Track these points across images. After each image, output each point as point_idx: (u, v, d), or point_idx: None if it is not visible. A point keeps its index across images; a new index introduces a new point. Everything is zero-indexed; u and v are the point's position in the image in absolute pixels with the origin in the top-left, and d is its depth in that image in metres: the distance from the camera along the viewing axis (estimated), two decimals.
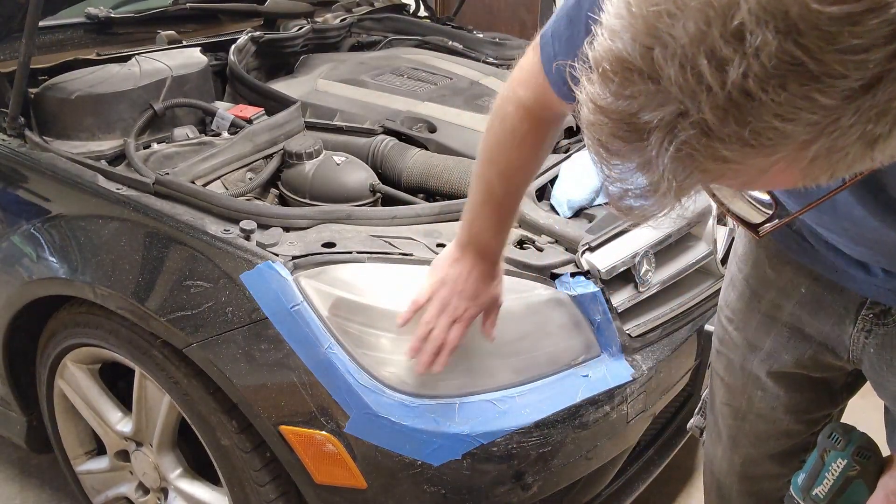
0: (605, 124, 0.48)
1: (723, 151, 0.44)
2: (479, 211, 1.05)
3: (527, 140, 0.99)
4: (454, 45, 2.41)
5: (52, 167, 1.45)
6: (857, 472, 0.88)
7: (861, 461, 0.88)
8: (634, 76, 0.44)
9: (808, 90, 0.41)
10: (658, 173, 0.47)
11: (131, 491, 1.65)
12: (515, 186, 1.04)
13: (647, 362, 1.33)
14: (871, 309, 0.92)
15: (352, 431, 1.16)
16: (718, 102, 0.42)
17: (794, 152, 0.45)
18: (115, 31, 2.10)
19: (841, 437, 0.89)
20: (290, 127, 1.67)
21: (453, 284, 1.09)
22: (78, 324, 1.46)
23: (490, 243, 1.08)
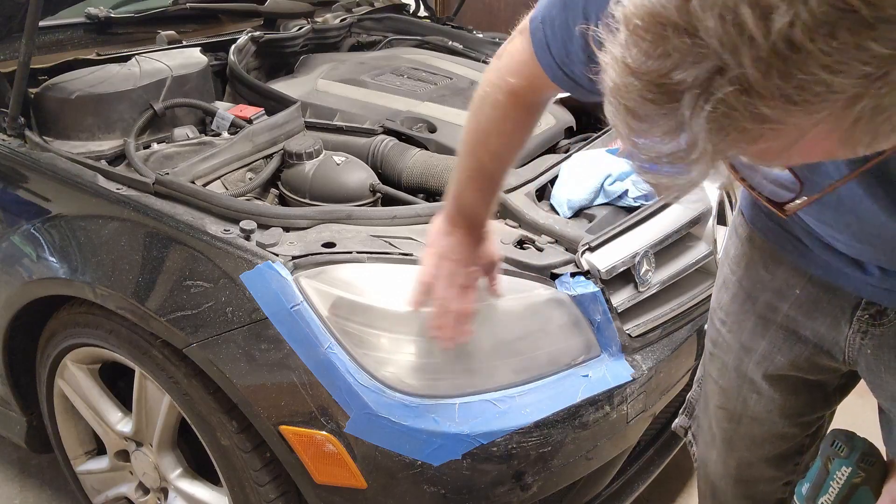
0: (635, 87, 0.45)
1: (763, 109, 0.42)
2: (468, 185, 1.07)
3: (519, 124, 1.00)
4: (454, 45, 2.41)
5: (52, 167, 1.45)
6: (862, 479, 0.88)
7: (865, 467, 0.88)
8: (668, 31, 0.42)
9: (862, 38, 0.38)
10: (691, 137, 0.44)
11: (131, 491, 1.65)
12: (505, 162, 1.06)
13: (647, 362, 1.33)
14: (867, 310, 0.91)
15: (352, 431, 1.16)
16: (761, 55, 0.40)
17: (839, 111, 0.42)
18: (115, 31, 2.10)
19: (844, 444, 0.89)
20: (290, 127, 1.67)
21: (453, 256, 1.10)
22: (78, 324, 1.46)
23: (479, 212, 1.09)
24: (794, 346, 1.01)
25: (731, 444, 1.15)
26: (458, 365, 1.19)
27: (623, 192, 1.46)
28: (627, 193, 1.47)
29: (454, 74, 2.06)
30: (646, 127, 0.46)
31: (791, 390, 1.06)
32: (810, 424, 1.10)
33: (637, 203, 1.47)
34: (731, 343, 1.10)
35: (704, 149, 0.45)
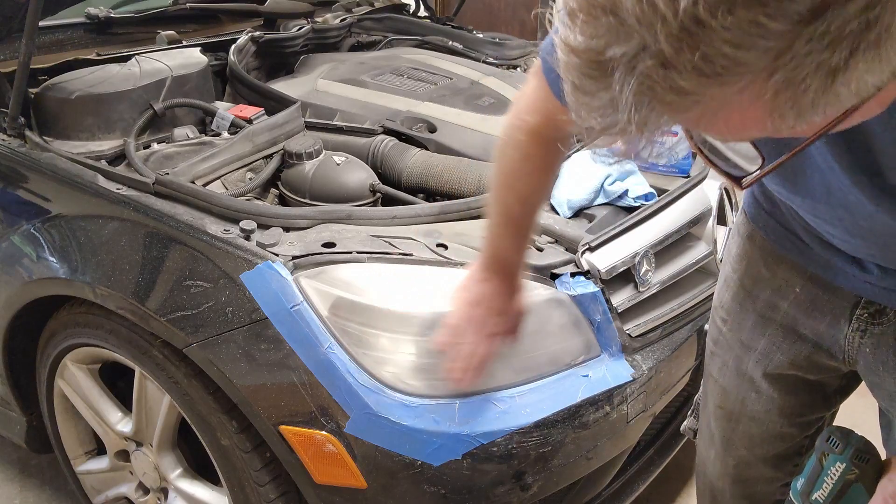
0: (576, 65, 0.49)
1: (679, 82, 0.45)
2: (501, 232, 1.08)
3: (542, 164, 1.01)
4: (454, 45, 2.41)
5: (52, 167, 1.45)
6: (856, 476, 0.87)
7: (860, 464, 0.87)
8: (598, 12, 0.46)
9: (755, 14, 0.41)
10: (623, 109, 0.48)
11: (131, 491, 1.65)
12: (533, 206, 1.07)
13: (647, 362, 1.33)
14: (866, 308, 0.92)
15: (352, 431, 1.16)
16: (672, 31, 0.43)
17: (754, 84, 0.45)
18: (115, 31, 2.10)
19: (839, 440, 0.89)
20: (290, 127, 1.67)
21: (486, 303, 1.11)
22: (78, 324, 1.46)
23: (513, 260, 1.10)
24: (793, 345, 1.01)
25: (730, 444, 1.16)
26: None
27: (623, 192, 1.46)
28: (627, 193, 1.47)
29: (454, 74, 2.06)
30: (588, 100, 0.50)
31: (790, 390, 1.06)
32: (809, 425, 1.10)
33: (637, 203, 1.47)
34: (731, 342, 1.10)
35: (631, 120, 0.48)
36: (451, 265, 1.24)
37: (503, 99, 1.93)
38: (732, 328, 1.09)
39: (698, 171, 1.61)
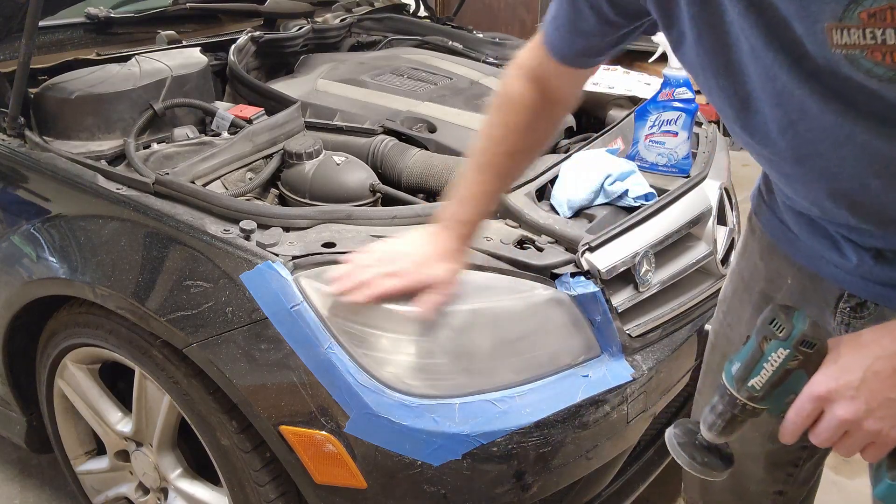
0: None
1: None
2: (471, 178, 1.08)
3: (537, 114, 1.04)
4: (454, 45, 2.41)
5: (52, 167, 1.45)
6: (799, 363, 0.79)
7: (805, 350, 0.78)
8: None
9: None
10: None
11: (131, 491, 1.65)
12: (517, 164, 1.09)
13: (647, 362, 1.33)
14: (848, 302, 0.93)
15: (352, 431, 1.16)
16: None
17: None
18: (115, 31, 2.10)
19: (784, 324, 0.79)
20: (290, 127, 1.67)
21: (404, 244, 1.12)
22: (78, 324, 1.46)
23: (465, 214, 1.10)
24: None
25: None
26: (458, 365, 1.19)
27: (623, 192, 1.46)
28: (627, 193, 1.47)
29: (454, 74, 2.06)
30: None
31: None
32: (803, 436, 1.09)
33: (637, 203, 1.47)
34: (730, 335, 1.11)
35: None
36: None
37: None
38: (731, 323, 1.10)
39: (698, 171, 1.61)
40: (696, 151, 1.68)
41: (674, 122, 1.60)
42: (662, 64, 3.06)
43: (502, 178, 1.11)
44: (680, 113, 1.59)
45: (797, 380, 0.79)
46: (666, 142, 1.61)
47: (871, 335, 0.74)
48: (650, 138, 1.63)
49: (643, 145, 1.64)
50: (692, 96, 1.58)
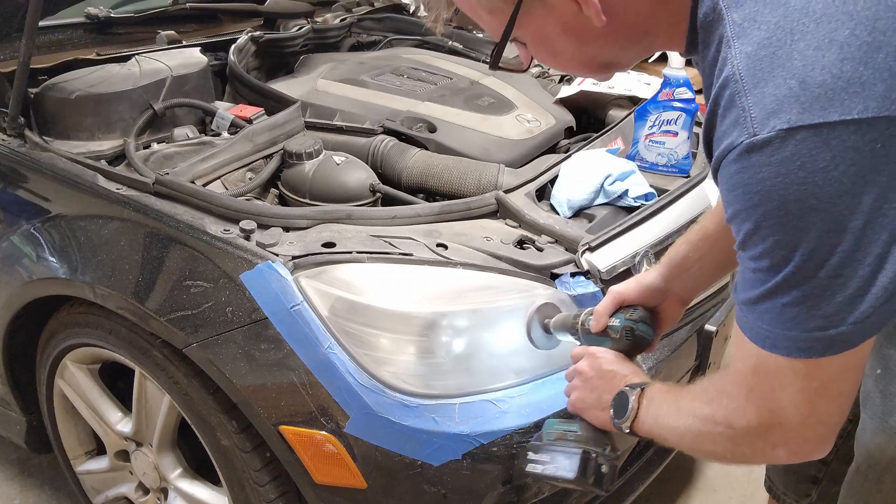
0: None
1: None
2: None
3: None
4: (454, 45, 2.41)
5: (52, 167, 1.45)
6: (617, 340, 1.04)
7: (623, 337, 1.03)
8: None
9: None
10: None
11: (131, 491, 1.65)
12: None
13: (647, 362, 1.33)
14: None
15: (352, 431, 1.15)
16: None
17: None
18: (115, 31, 2.10)
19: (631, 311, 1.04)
20: (290, 127, 1.67)
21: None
22: (78, 324, 1.46)
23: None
24: None
25: None
26: (458, 365, 1.19)
27: (623, 192, 1.46)
28: (627, 193, 1.47)
29: (454, 74, 2.06)
30: None
31: None
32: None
33: (637, 203, 1.47)
34: None
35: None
36: (451, 265, 1.24)
37: (503, 99, 1.93)
38: None
39: (698, 171, 1.61)
40: (696, 151, 1.68)
41: (674, 122, 1.60)
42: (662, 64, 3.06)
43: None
44: (680, 113, 1.59)
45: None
46: (666, 142, 1.61)
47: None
48: (650, 138, 1.63)
49: (643, 145, 1.64)
50: (692, 96, 1.58)
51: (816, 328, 0.66)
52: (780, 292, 0.66)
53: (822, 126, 0.60)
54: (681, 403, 0.86)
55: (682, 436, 0.86)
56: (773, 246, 0.65)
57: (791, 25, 0.62)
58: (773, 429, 0.75)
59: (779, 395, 0.72)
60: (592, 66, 0.84)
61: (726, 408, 0.78)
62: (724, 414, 0.78)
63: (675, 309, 1.11)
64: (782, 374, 0.71)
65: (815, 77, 0.60)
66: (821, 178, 0.60)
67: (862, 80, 0.60)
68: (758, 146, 0.62)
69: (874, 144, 0.60)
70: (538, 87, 2.08)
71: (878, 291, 0.64)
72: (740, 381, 0.76)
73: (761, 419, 0.74)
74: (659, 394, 0.92)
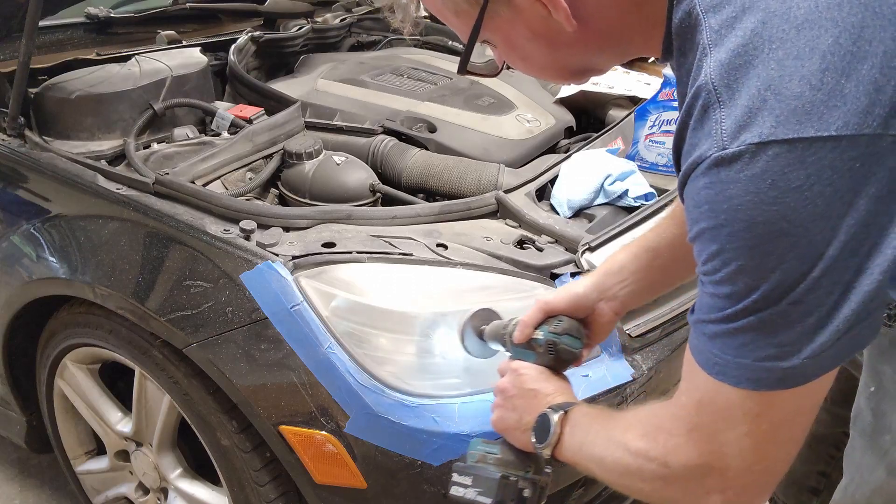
0: None
1: None
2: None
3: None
4: (454, 45, 2.41)
5: (52, 167, 1.45)
6: (541, 354, 0.99)
7: (546, 351, 0.98)
8: None
9: None
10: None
11: (131, 491, 1.65)
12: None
13: (647, 362, 1.33)
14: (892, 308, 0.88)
15: (352, 431, 1.15)
16: None
17: None
18: (115, 31, 2.10)
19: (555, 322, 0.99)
20: (290, 127, 1.67)
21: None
22: (78, 324, 1.46)
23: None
24: None
25: None
26: (458, 365, 1.19)
27: (623, 192, 1.46)
28: (627, 193, 1.47)
29: (454, 74, 2.06)
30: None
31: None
32: (844, 422, 1.05)
33: (637, 203, 1.47)
34: None
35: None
36: (451, 265, 1.24)
37: (503, 99, 1.93)
38: None
39: None
40: None
41: (674, 121, 1.60)
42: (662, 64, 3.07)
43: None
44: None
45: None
46: (666, 142, 1.61)
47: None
48: (650, 138, 1.63)
49: (643, 145, 1.64)
50: None
51: (769, 357, 0.62)
52: (737, 318, 0.62)
53: (796, 142, 0.55)
54: (611, 433, 0.81)
55: (608, 469, 0.80)
56: (737, 272, 0.60)
57: (770, 32, 0.57)
58: (711, 473, 0.69)
59: (724, 436, 0.67)
60: (565, 73, 0.81)
61: (664, 445, 0.73)
62: (660, 451, 0.73)
63: (608, 319, 1.04)
64: (730, 414, 0.65)
65: (791, 88, 0.56)
66: (793, 198, 0.56)
67: (843, 92, 0.55)
68: (727, 160, 0.57)
69: (853, 164, 0.55)
70: (538, 86, 2.08)
71: (839, 324, 0.59)
72: (683, 416, 0.71)
73: (700, 461, 0.69)
74: (585, 419, 0.86)
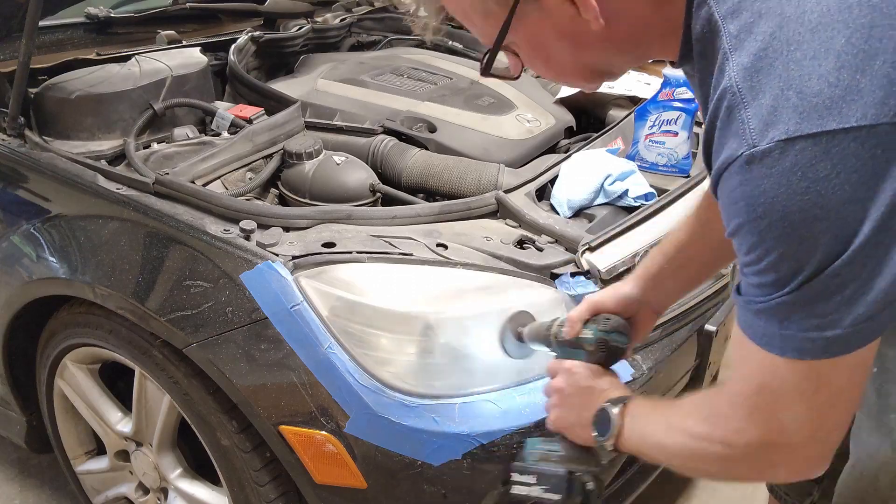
0: None
1: None
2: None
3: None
4: (454, 45, 2.41)
5: (52, 167, 1.45)
6: (592, 352, 1.01)
7: (597, 348, 1.00)
8: None
9: None
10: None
11: (131, 491, 1.65)
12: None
13: (647, 362, 1.33)
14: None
15: (352, 431, 1.15)
16: None
17: None
18: (115, 31, 2.10)
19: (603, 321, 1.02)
20: (290, 127, 1.67)
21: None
22: (78, 324, 1.46)
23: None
24: None
25: None
26: (458, 365, 1.19)
27: (623, 192, 1.46)
28: (627, 193, 1.47)
29: (454, 74, 2.06)
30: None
31: None
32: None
33: (637, 203, 1.47)
34: None
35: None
36: (451, 265, 1.24)
37: (503, 99, 1.93)
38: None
39: (698, 171, 1.61)
40: (696, 151, 1.68)
41: (674, 121, 1.60)
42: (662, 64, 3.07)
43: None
44: (680, 113, 1.59)
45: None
46: (666, 142, 1.61)
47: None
48: (650, 138, 1.63)
49: (643, 145, 1.64)
50: (692, 96, 1.58)
51: (813, 328, 0.66)
52: (783, 298, 0.66)
53: (820, 135, 0.60)
54: (671, 420, 0.84)
55: (672, 454, 0.84)
56: (778, 260, 0.64)
57: (787, 35, 0.62)
58: (775, 449, 0.73)
59: (783, 414, 0.71)
60: (585, 74, 0.83)
61: (724, 427, 0.76)
62: (721, 433, 0.77)
63: (650, 319, 1.10)
64: (785, 391, 0.70)
65: (811, 86, 0.60)
66: (823, 186, 0.60)
67: (859, 87, 0.60)
68: (758, 158, 0.62)
69: (875, 150, 0.60)
70: (538, 86, 2.08)
71: (876, 294, 0.63)
72: (740, 402, 0.74)
73: (763, 439, 0.73)
74: (643, 409, 0.90)
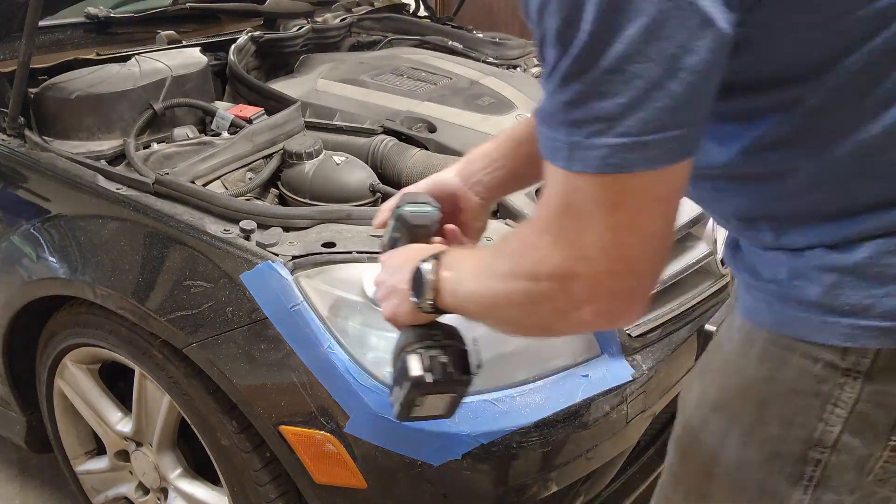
0: None
1: None
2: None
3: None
4: (454, 45, 2.41)
5: (52, 167, 1.45)
6: (401, 235, 0.98)
7: (400, 227, 0.97)
8: None
9: None
10: None
11: (131, 491, 1.65)
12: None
13: (647, 362, 1.33)
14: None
15: (352, 431, 1.16)
16: None
17: None
18: (115, 30, 2.10)
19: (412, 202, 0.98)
20: (290, 127, 1.67)
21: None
22: (78, 324, 1.46)
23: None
24: None
25: None
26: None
27: None
28: None
29: (454, 74, 2.06)
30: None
31: None
32: None
33: None
34: None
35: None
36: None
37: (503, 99, 1.93)
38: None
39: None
40: None
41: None
42: None
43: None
44: None
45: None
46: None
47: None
48: None
49: None
50: None
51: (596, 132, 0.60)
52: (564, 86, 0.61)
53: None
54: (480, 263, 0.78)
55: (480, 303, 0.78)
56: (554, 39, 0.60)
57: None
58: (577, 279, 0.67)
59: (585, 237, 0.65)
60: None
61: (530, 258, 0.70)
62: (526, 265, 0.71)
63: (477, 205, 1.06)
64: (585, 209, 0.64)
65: None
66: None
67: None
68: None
69: None
70: (538, 86, 2.08)
71: (667, 100, 0.57)
72: (544, 227, 0.69)
73: (565, 266, 0.67)
74: (457, 258, 0.83)
